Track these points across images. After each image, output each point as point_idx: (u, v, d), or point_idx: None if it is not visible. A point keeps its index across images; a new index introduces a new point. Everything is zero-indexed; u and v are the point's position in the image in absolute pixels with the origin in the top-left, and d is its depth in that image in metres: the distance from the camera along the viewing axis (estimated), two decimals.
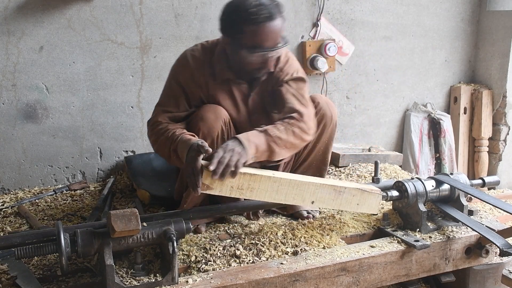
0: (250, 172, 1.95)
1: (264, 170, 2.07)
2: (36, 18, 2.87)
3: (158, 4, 3.11)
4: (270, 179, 1.97)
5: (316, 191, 2.06)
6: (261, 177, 1.96)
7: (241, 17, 2.07)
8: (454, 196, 2.30)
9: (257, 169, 2.06)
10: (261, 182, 1.96)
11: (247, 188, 1.95)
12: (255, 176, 1.95)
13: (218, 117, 2.16)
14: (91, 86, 3.05)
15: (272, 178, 1.98)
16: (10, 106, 2.93)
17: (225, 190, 1.92)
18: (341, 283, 1.99)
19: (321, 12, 3.50)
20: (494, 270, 2.27)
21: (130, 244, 1.80)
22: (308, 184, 2.04)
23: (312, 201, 2.06)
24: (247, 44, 2.09)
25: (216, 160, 1.86)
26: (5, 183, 3.01)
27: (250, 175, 1.94)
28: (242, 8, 2.07)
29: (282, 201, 2.05)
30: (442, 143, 3.93)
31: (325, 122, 2.41)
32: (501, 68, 3.95)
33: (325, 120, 2.41)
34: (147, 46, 3.11)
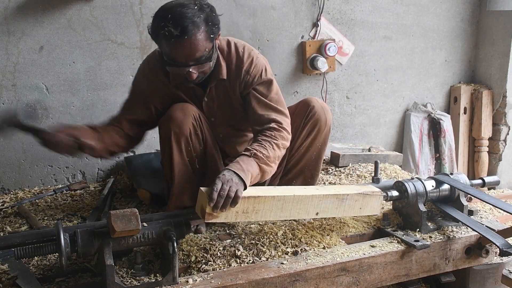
0: (254, 195, 1.94)
1: (265, 188, 2.07)
2: (36, 18, 2.87)
3: (158, 4, 3.04)
4: (274, 199, 1.97)
5: (320, 203, 2.06)
6: (265, 198, 1.96)
7: (154, 28, 2.05)
8: (454, 196, 2.30)
9: (258, 188, 2.06)
10: (265, 202, 1.97)
11: (252, 211, 1.95)
12: (259, 198, 1.95)
13: (187, 114, 2.18)
14: (91, 86, 3.05)
15: (276, 197, 1.98)
16: (10, 106, 2.93)
17: (231, 216, 1.92)
18: (341, 283, 1.99)
19: (321, 12, 3.50)
20: (494, 270, 2.27)
21: (130, 244, 1.80)
22: (312, 197, 2.04)
23: (317, 213, 2.07)
24: (163, 56, 2.10)
25: (216, 193, 1.84)
26: (5, 183, 3.01)
27: (254, 198, 1.94)
28: (156, 19, 2.03)
29: (287, 217, 2.06)
30: (442, 143, 3.94)
31: (319, 127, 2.41)
32: (501, 68, 3.95)
33: (319, 125, 2.41)
34: (147, 46, 3.11)
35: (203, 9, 2.02)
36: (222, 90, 2.29)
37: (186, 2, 2.02)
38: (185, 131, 2.16)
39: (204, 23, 2.01)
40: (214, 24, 2.05)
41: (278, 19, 3.42)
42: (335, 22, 3.58)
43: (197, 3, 2.02)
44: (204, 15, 2.01)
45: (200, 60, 2.06)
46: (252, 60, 2.25)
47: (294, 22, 3.47)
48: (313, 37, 3.54)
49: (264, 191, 2.00)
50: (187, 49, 2.01)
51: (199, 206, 1.92)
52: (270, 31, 3.42)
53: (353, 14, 3.63)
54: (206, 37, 2.02)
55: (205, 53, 2.05)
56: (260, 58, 2.29)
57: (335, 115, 3.75)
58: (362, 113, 3.84)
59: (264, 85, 2.27)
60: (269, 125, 2.18)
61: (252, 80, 2.25)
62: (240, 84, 2.27)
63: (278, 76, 3.49)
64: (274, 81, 2.31)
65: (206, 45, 2.04)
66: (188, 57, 2.03)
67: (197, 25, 1.98)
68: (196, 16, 1.98)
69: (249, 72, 2.24)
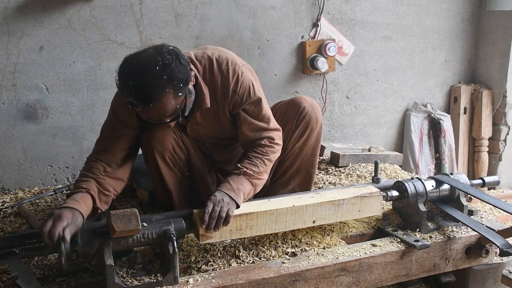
0: (246, 212, 1.96)
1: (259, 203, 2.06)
2: (36, 18, 2.87)
3: (158, 4, 3.11)
4: (267, 213, 1.99)
5: (315, 211, 2.07)
6: (257, 213, 1.97)
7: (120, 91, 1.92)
8: (454, 196, 2.30)
9: (251, 203, 2.06)
10: (259, 218, 1.98)
11: (246, 227, 1.97)
12: (251, 214, 1.96)
13: (166, 130, 2.14)
14: (91, 86, 3.05)
15: (269, 211, 1.99)
16: (10, 106, 2.93)
17: (225, 235, 1.94)
18: (341, 283, 1.99)
19: (321, 12, 3.50)
20: (494, 270, 2.27)
21: (130, 244, 1.80)
22: (306, 206, 2.05)
23: (313, 221, 2.08)
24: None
25: (207, 215, 1.88)
26: (5, 183, 3.01)
27: (246, 215, 1.95)
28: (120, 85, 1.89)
29: (283, 229, 2.06)
30: (442, 143, 3.93)
31: (312, 126, 2.40)
32: (501, 68, 3.94)
33: (311, 124, 2.39)
34: (147, 46, 3.06)
35: (166, 65, 1.84)
36: (208, 114, 2.20)
37: (146, 62, 1.84)
38: (167, 147, 2.16)
39: (169, 84, 1.85)
40: (181, 79, 1.90)
41: (278, 19, 3.42)
42: (335, 22, 3.58)
43: (158, 61, 1.84)
44: (168, 74, 1.84)
45: (173, 115, 1.97)
46: (237, 78, 2.12)
47: (294, 22, 3.47)
48: (313, 37, 3.54)
49: (257, 207, 2.00)
50: (156, 113, 1.92)
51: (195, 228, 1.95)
52: (270, 31, 3.42)
53: (353, 14, 3.63)
54: (174, 96, 1.89)
55: (177, 109, 1.96)
56: (245, 73, 2.15)
57: (335, 115, 3.75)
58: (362, 113, 3.84)
59: (252, 104, 2.18)
60: (260, 141, 2.17)
61: (241, 100, 2.15)
62: (229, 105, 2.17)
63: (278, 76, 3.49)
64: (263, 97, 2.21)
65: (176, 103, 1.92)
66: (159, 117, 1.95)
67: (161, 89, 1.84)
68: (159, 79, 1.82)
69: (236, 92, 2.13)
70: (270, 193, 2.49)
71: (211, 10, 3.21)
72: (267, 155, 2.14)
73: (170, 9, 3.13)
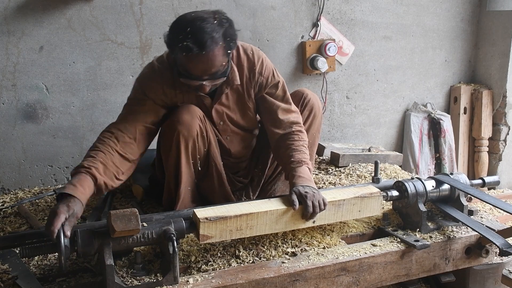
0: (246, 212, 1.95)
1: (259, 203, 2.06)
2: (36, 18, 2.87)
3: (158, 4, 3.11)
4: (267, 214, 1.98)
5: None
6: (258, 214, 1.97)
7: (172, 40, 2.02)
8: (454, 196, 2.30)
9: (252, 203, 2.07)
10: (259, 218, 1.97)
11: (246, 227, 1.96)
12: (252, 214, 1.96)
13: (194, 116, 2.18)
14: (91, 86, 3.05)
15: (269, 212, 1.98)
16: (10, 106, 2.93)
17: (225, 234, 1.94)
18: (341, 283, 1.99)
19: (321, 12, 3.50)
20: (494, 270, 2.27)
21: (130, 244, 1.80)
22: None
23: (313, 221, 2.08)
24: (178, 67, 2.08)
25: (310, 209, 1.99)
26: (5, 183, 3.01)
27: (246, 215, 1.95)
28: (175, 31, 2.00)
29: (283, 229, 2.06)
30: (442, 143, 3.94)
31: (315, 113, 2.50)
32: (501, 68, 3.95)
33: (314, 111, 2.49)
34: (147, 46, 3.11)
35: (222, 24, 2.00)
36: (235, 96, 2.30)
37: (206, 16, 1.99)
38: (193, 133, 2.17)
39: (223, 39, 1.99)
40: (232, 39, 2.04)
41: (278, 19, 3.43)
42: (335, 22, 3.59)
43: (216, 17, 2.00)
44: (223, 30, 1.99)
45: (215, 75, 2.06)
46: (262, 61, 2.28)
47: (294, 22, 3.47)
48: (313, 37, 3.54)
49: (257, 207, 2.00)
50: (204, 64, 2.00)
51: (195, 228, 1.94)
52: (270, 31, 3.42)
53: (353, 14, 3.63)
54: (224, 53, 2.02)
55: (221, 68, 2.05)
56: (267, 59, 2.33)
57: (335, 115, 3.75)
58: (362, 113, 3.84)
59: (277, 87, 2.33)
60: (292, 129, 2.29)
61: (266, 81, 2.29)
62: (255, 86, 2.30)
63: None
64: (283, 80, 2.37)
65: (222, 60, 2.03)
66: (204, 71, 2.02)
67: (216, 40, 1.96)
68: (215, 31, 1.96)
69: (262, 74, 2.27)
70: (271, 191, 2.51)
71: None
72: (304, 141, 2.29)
73: (170, 9, 3.13)
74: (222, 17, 2.03)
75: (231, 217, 1.92)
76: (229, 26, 2.03)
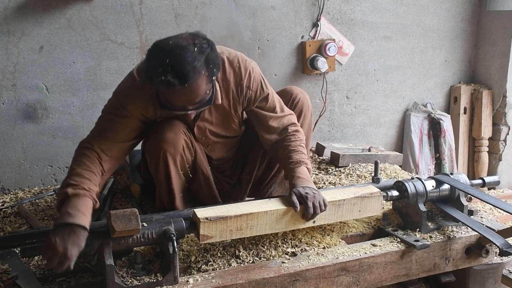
0: (246, 212, 1.95)
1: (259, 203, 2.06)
2: (36, 18, 2.87)
3: (158, 4, 3.11)
4: (267, 214, 1.98)
5: None
6: (258, 214, 1.97)
7: (150, 72, 1.86)
8: (454, 196, 2.30)
9: (252, 203, 2.07)
10: (259, 218, 1.98)
11: (246, 227, 1.96)
12: (252, 214, 1.96)
13: (178, 132, 2.12)
14: (91, 86, 3.05)
15: (269, 212, 1.98)
16: (10, 106, 2.93)
17: (225, 234, 1.94)
18: (341, 283, 1.99)
19: (321, 12, 3.50)
20: (494, 270, 2.27)
21: (130, 244, 1.80)
22: None
23: (313, 221, 2.08)
24: (159, 98, 1.96)
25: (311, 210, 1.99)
26: (5, 183, 3.01)
27: (246, 215, 1.95)
28: (153, 63, 1.85)
29: (283, 229, 2.06)
30: (442, 143, 3.93)
31: (305, 112, 2.47)
32: (501, 68, 3.95)
33: (304, 110, 2.46)
34: (147, 46, 3.08)
35: (203, 50, 1.85)
36: (219, 110, 2.21)
37: (185, 43, 1.84)
38: (179, 149, 2.14)
39: (205, 66, 1.86)
40: (215, 65, 1.92)
41: (278, 19, 3.43)
42: (335, 22, 3.58)
43: (196, 44, 1.85)
44: (205, 57, 1.85)
45: (200, 104, 1.96)
46: (249, 74, 2.16)
47: (294, 22, 3.47)
48: (313, 37, 3.54)
49: (257, 207, 2.01)
50: (187, 97, 1.89)
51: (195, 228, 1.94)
52: (270, 31, 3.42)
53: (353, 14, 3.63)
54: (207, 81, 1.90)
55: (206, 96, 1.96)
56: (255, 68, 2.20)
57: (335, 115, 3.75)
58: (362, 113, 3.84)
59: (267, 99, 2.24)
60: (288, 131, 2.26)
61: (255, 95, 2.20)
62: (243, 101, 2.21)
63: (278, 76, 3.49)
64: (271, 88, 2.27)
65: (206, 89, 1.92)
66: (188, 103, 1.93)
67: (198, 70, 1.83)
68: (197, 60, 1.82)
69: (250, 88, 2.17)
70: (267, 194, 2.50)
71: (211, 10, 3.21)
72: (301, 140, 2.27)
73: (170, 9, 3.13)
74: (203, 42, 1.88)
75: (231, 217, 1.92)
76: (210, 50, 1.89)
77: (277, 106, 2.28)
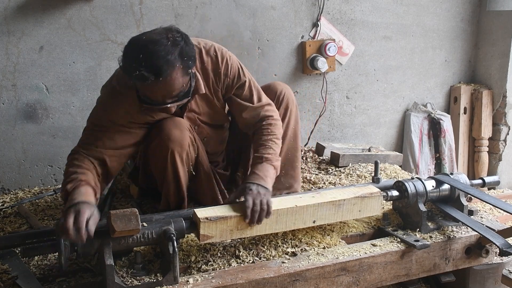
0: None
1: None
2: (36, 18, 2.87)
3: (158, 4, 3.11)
4: None
5: (316, 211, 2.07)
6: None
7: (126, 68, 1.89)
8: (454, 196, 2.30)
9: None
10: None
11: (246, 227, 1.96)
12: None
13: (183, 129, 2.12)
14: (91, 86, 3.05)
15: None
16: (10, 106, 2.93)
17: (225, 234, 1.94)
18: (341, 283, 1.99)
19: (321, 12, 3.50)
20: (494, 270, 2.27)
21: (130, 244, 1.80)
22: (306, 207, 2.04)
23: (314, 221, 2.07)
24: (138, 93, 1.98)
25: (249, 210, 1.92)
26: (5, 183, 3.01)
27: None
28: (128, 59, 1.87)
29: (284, 229, 2.06)
30: (442, 143, 3.94)
31: (291, 107, 2.45)
32: (501, 68, 3.95)
33: (290, 105, 2.45)
34: None
35: (176, 42, 1.87)
36: (204, 100, 2.24)
37: (157, 38, 1.86)
38: (185, 147, 2.14)
39: (179, 59, 1.87)
40: (190, 57, 1.93)
41: (278, 19, 3.43)
42: (335, 22, 3.58)
43: (169, 37, 1.87)
44: (178, 50, 1.87)
45: (178, 97, 1.97)
46: (226, 61, 2.19)
47: (294, 22, 3.47)
48: (313, 37, 3.54)
49: None
50: (164, 90, 1.91)
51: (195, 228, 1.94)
52: (270, 31, 3.42)
53: (353, 14, 3.63)
54: (183, 73, 1.91)
55: (183, 89, 1.97)
56: (232, 57, 2.23)
57: (335, 115, 3.75)
58: (362, 113, 3.84)
59: (244, 87, 2.25)
60: (263, 122, 2.23)
61: (232, 82, 2.22)
62: (222, 88, 2.24)
63: (278, 76, 3.49)
64: (251, 77, 2.29)
65: (183, 81, 1.93)
66: (165, 96, 1.94)
67: (172, 63, 1.84)
68: (170, 53, 1.84)
69: (227, 75, 2.20)
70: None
71: (211, 10, 3.21)
72: (274, 134, 2.21)
73: (170, 9, 3.13)
74: (176, 35, 1.90)
75: (232, 217, 1.92)
76: (184, 43, 1.91)
77: (254, 95, 2.27)
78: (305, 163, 3.21)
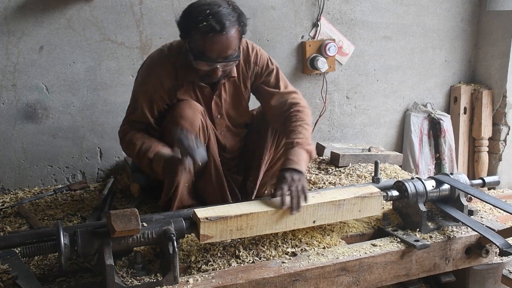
0: (246, 212, 1.96)
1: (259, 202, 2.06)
2: (36, 18, 2.87)
3: (158, 4, 3.11)
4: (268, 213, 1.99)
5: (315, 211, 2.07)
6: (258, 214, 1.97)
7: (190, 22, 2.09)
8: (454, 196, 2.30)
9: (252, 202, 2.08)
10: (259, 218, 1.98)
11: (246, 227, 1.96)
12: (252, 214, 1.96)
13: (196, 111, 2.22)
14: (91, 86, 3.05)
15: (269, 212, 1.99)
16: (10, 106, 2.93)
17: (225, 234, 1.94)
18: (341, 283, 1.99)
19: (321, 12, 3.50)
20: (494, 270, 2.27)
21: (130, 244, 1.80)
22: (306, 207, 2.04)
23: (314, 221, 2.08)
24: (193, 51, 2.12)
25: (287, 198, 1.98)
26: (5, 183, 3.01)
27: (247, 215, 1.95)
28: (193, 14, 2.07)
29: (283, 229, 2.06)
30: (442, 143, 3.94)
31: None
32: (501, 68, 3.95)
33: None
34: (147, 46, 3.11)
35: (235, 9, 2.11)
36: (232, 88, 2.37)
37: (220, 2, 2.09)
38: (195, 128, 2.19)
39: (237, 22, 2.09)
40: (245, 25, 2.15)
41: (278, 19, 3.43)
42: (335, 22, 3.59)
43: (230, 4, 2.10)
44: (237, 15, 2.09)
45: (229, 58, 2.12)
46: (256, 52, 2.36)
47: (294, 22, 3.47)
48: (313, 37, 3.54)
49: (257, 207, 2.01)
50: (222, 45, 2.06)
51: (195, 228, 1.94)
52: (270, 31, 3.42)
53: (353, 14, 3.63)
54: (238, 36, 2.11)
55: (234, 52, 2.13)
56: (261, 49, 2.40)
57: (335, 115, 3.75)
58: (362, 113, 3.84)
59: (272, 75, 2.39)
60: (291, 110, 2.31)
61: (261, 71, 2.36)
62: (251, 77, 2.37)
63: None
64: (278, 67, 2.43)
65: (237, 43, 2.12)
66: (220, 53, 2.08)
67: (234, 23, 2.06)
68: (231, 15, 2.06)
69: (257, 63, 2.35)
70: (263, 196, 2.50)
71: None
72: (303, 120, 2.29)
73: (170, 9, 3.13)
74: (235, 5, 2.14)
75: (232, 217, 1.92)
76: (241, 12, 2.14)
77: (281, 82, 2.40)
78: None
